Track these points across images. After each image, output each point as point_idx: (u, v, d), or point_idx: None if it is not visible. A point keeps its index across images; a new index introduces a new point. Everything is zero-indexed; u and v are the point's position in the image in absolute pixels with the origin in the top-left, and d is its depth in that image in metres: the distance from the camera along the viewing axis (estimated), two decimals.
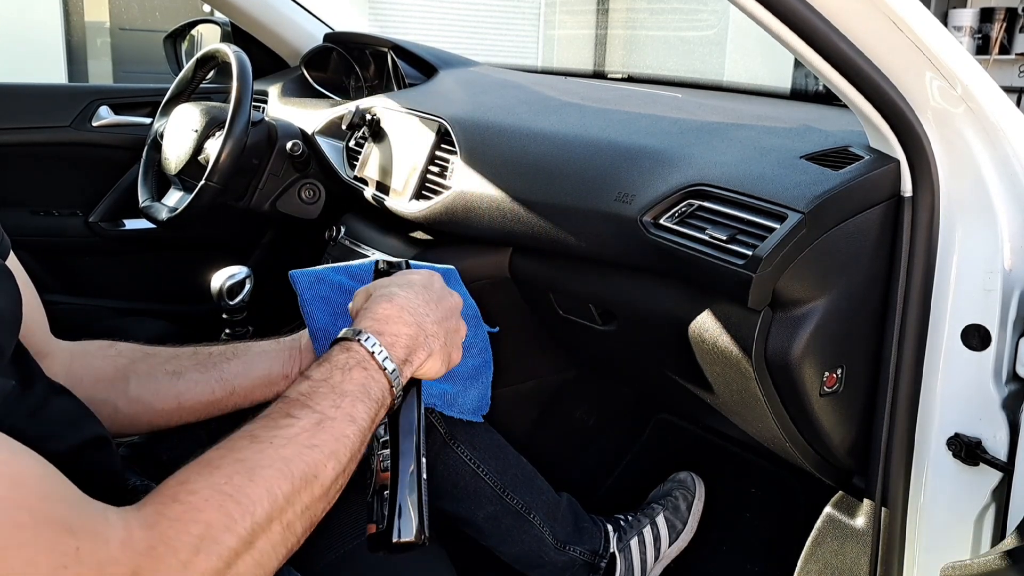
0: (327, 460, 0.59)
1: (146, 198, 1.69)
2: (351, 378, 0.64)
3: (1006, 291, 0.86)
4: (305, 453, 0.58)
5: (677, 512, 1.35)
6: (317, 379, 0.64)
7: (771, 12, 0.77)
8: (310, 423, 0.60)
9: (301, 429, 0.59)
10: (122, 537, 0.49)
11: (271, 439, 0.58)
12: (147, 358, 0.86)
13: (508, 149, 1.23)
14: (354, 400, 0.63)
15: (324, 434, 0.60)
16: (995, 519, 0.92)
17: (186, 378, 0.84)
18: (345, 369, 0.65)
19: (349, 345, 0.67)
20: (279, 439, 0.58)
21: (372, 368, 0.66)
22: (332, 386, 0.63)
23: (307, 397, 0.62)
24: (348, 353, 0.66)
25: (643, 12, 8.53)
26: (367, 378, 0.65)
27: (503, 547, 1.16)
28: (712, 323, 0.96)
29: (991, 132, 0.83)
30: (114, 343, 0.88)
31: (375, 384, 0.66)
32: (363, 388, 0.64)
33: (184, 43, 2.19)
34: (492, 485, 1.11)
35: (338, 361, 0.66)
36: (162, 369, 0.84)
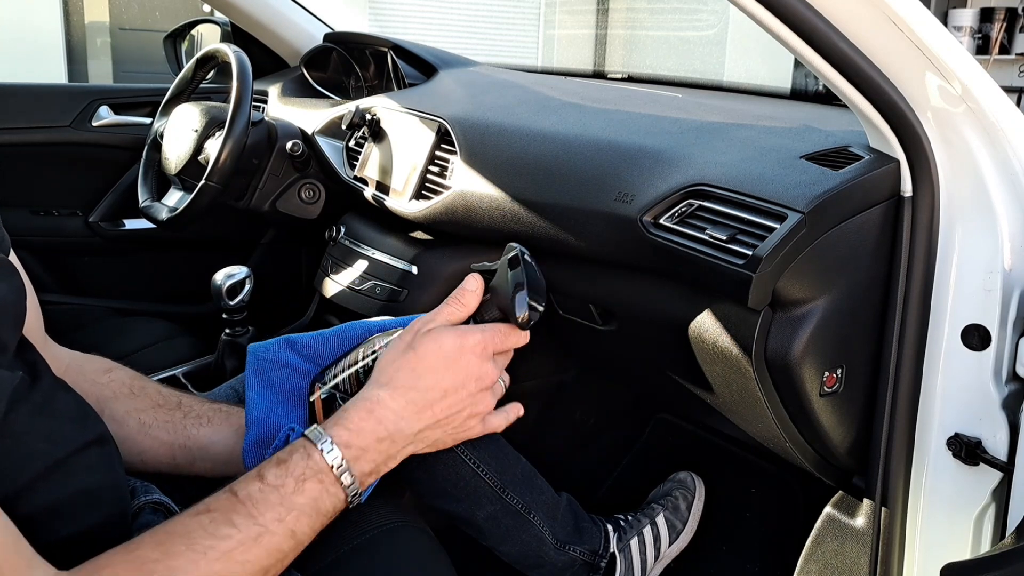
0: (257, 574, 0.58)
1: (146, 198, 1.69)
2: (304, 490, 0.62)
3: (1006, 291, 0.86)
4: (234, 568, 0.57)
5: (677, 512, 1.35)
6: (269, 483, 0.61)
7: (771, 12, 0.77)
8: (248, 537, 0.58)
9: (238, 543, 0.57)
10: None
11: (206, 550, 0.56)
12: (130, 398, 0.83)
13: (508, 149, 1.23)
14: (300, 515, 0.61)
15: (259, 550, 0.58)
16: (995, 519, 0.92)
17: (151, 436, 0.82)
18: (300, 479, 0.62)
19: (311, 451, 0.64)
20: (213, 552, 0.56)
21: (328, 482, 0.63)
22: (282, 496, 0.61)
23: (254, 504, 0.60)
24: (308, 461, 0.63)
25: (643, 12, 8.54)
26: (321, 492, 0.63)
27: (503, 547, 1.16)
28: (712, 323, 0.96)
29: (991, 132, 0.83)
30: (113, 367, 0.86)
31: (328, 498, 0.63)
32: (314, 503, 0.62)
33: (184, 43, 2.19)
34: (492, 485, 1.11)
35: (295, 468, 0.63)
36: (135, 418, 0.82)
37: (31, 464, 0.62)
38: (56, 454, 0.64)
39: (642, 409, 1.67)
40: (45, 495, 0.62)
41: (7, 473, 0.60)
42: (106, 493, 0.67)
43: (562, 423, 1.61)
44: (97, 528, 0.64)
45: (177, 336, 1.63)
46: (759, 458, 1.46)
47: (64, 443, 0.65)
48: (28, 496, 0.61)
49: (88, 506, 0.64)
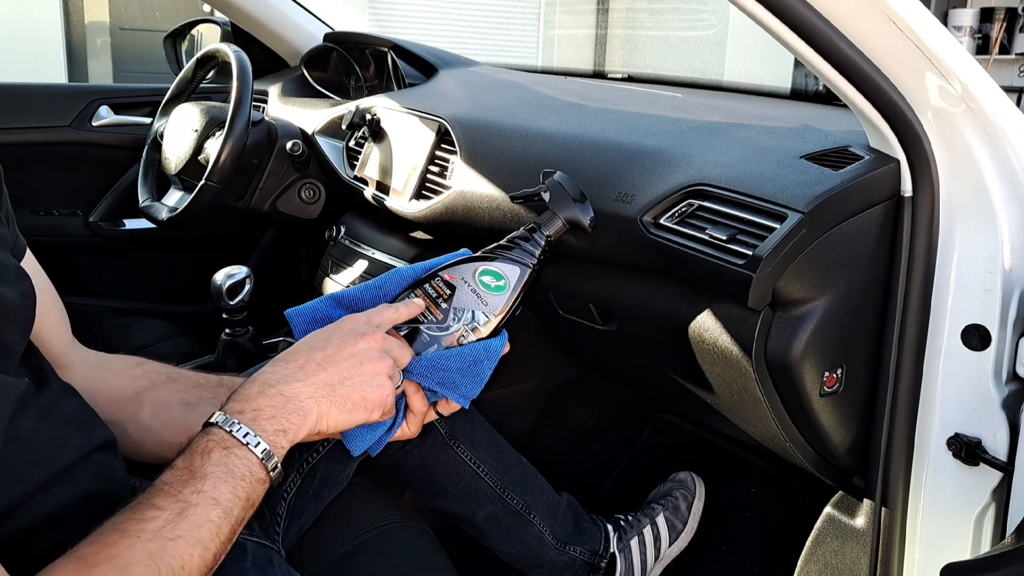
0: (192, 549, 0.59)
1: (146, 198, 1.69)
2: (210, 460, 0.64)
3: (1006, 291, 0.86)
4: (169, 546, 0.58)
5: (677, 512, 1.35)
6: (178, 466, 0.64)
7: (771, 12, 0.77)
8: (173, 513, 0.60)
9: (165, 521, 0.60)
10: None
11: (139, 533, 0.58)
12: (168, 384, 0.85)
13: (508, 149, 1.23)
14: (215, 482, 0.63)
15: (186, 523, 0.60)
16: (995, 519, 0.92)
17: (198, 412, 0.83)
18: (204, 453, 0.64)
19: (208, 430, 0.67)
20: (146, 533, 0.58)
21: (233, 446, 0.65)
22: (192, 471, 0.63)
23: (170, 486, 0.62)
24: (207, 437, 0.66)
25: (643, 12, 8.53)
26: (227, 456, 0.65)
27: (503, 547, 1.16)
28: (712, 323, 0.96)
29: (991, 132, 0.83)
30: (142, 361, 0.87)
31: (239, 461, 0.65)
32: (224, 468, 0.64)
33: (184, 43, 2.19)
34: (492, 485, 1.11)
35: (197, 446, 0.65)
36: (179, 399, 0.84)
37: (37, 470, 0.62)
38: (62, 460, 0.64)
39: (642, 409, 1.67)
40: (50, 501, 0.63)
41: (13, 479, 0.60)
42: (108, 498, 0.67)
43: (562, 423, 1.61)
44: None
45: (177, 336, 1.63)
46: (759, 458, 1.46)
47: (70, 450, 0.65)
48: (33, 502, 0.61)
49: (91, 511, 0.64)
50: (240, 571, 0.77)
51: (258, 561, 0.79)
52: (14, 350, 0.63)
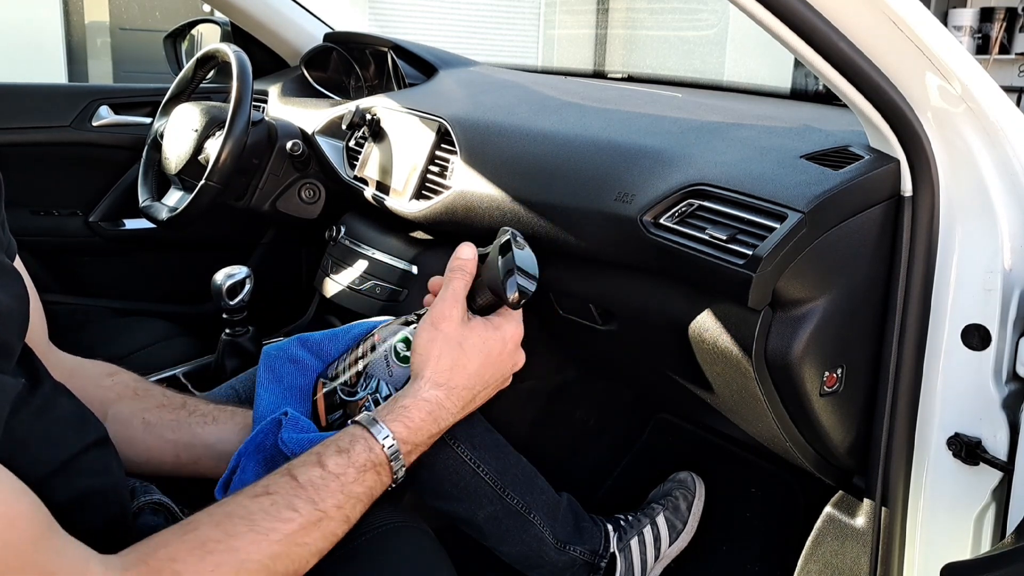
0: (312, 557, 0.60)
1: (146, 198, 1.69)
2: (363, 480, 0.65)
3: (1006, 291, 0.86)
4: (294, 551, 0.58)
5: (677, 512, 1.35)
6: (331, 471, 0.64)
7: (771, 12, 0.77)
8: (309, 521, 0.60)
9: (299, 526, 0.59)
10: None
11: (268, 532, 0.58)
12: (134, 399, 0.84)
13: (508, 149, 1.23)
14: (356, 503, 0.64)
15: (318, 533, 0.60)
16: (995, 519, 0.92)
17: (156, 434, 0.83)
18: (361, 470, 0.65)
19: (372, 444, 0.67)
20: (275, 533, 0.58)
21: (384, 474, 0.67)
22: (343, 484, 0.63)
23: (316, 490, 0.62)
24: (369, 453, 0.66)
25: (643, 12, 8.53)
26: (377, 482, 0.66)
27: (503, 547, 1.16)
28: (712, 323, 0.96)
29: (991, 132, 0.83)
30: (116, 371, 0.87)
31: (381, 487, 0.67)
32: (369, 491, 0.65)
33: (184, 43, 2.19)
34: (492, 485, 1.11)
35: (357, 459, 0.66)
36: (140, 417, 0.83)
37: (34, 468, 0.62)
38: (59, 457, 0.64)
39: (642, 409, 1.67)
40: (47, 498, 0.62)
41: None
42: (107, 495, 0.67)
43: (562, 423, 1.61)
44: (98, 529, 0.64)
45: (177, 336, 1.63)
46: (759, 458, 1.46)
47: (66, 446, 0.65)
48: None
49: (89, 508, 0.64)
50: None
51: None
52: (13, 351, 0.63)
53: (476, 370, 0.75)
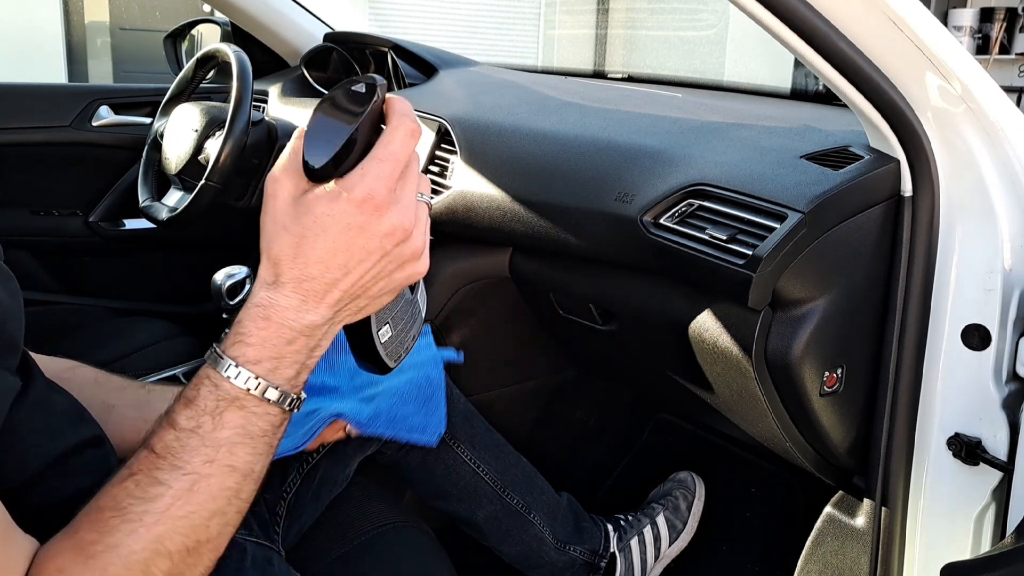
0: (208, 520, 0.53)
1: (146, 198, 1.68)
2: (224, 423, 0.55)
3: (1006, 291, 0.86)
4: (180, 525, 0.52)
5: (677, 512, 1.35)
6: (184, 428, 0.55)
7: (771, 12, 0.77)
8: (181, 489, 0.53)
9: (172, 499, 0.53)
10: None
11: (141, 515, 0.52)
12: (94, 386, 0.84)
13: (508, 149, 1.23)
14: (231, 448, 0.55)
15: (199, 497, 0.53)
16: (995, 519, 0.92)
17: (117, 413, 0.82)
18: (216, 414, 0.55)
19: (217, 381, 0.56)
20: (149, 515, 0.52)
21: (252, 405, 0.56)
22: (202, 438, 0.54)
23: (175, 455, 0.54)
24: (217, 392, 0.55)
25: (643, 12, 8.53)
26: (246, 417, 0.55)
27: (503, 547, 1.16)
28: (712, 323, 0.96)
29: (991, 132, 0.83)
30: (76, 366, 0.86)
31: (259, 419, 0.56)
32: (242, 430, 0.55)
33: (184, 43, 2.19)
34: (492, 485, 1.11)
35: (206, 404, 0.55)
36: (99, 400, 0.82)
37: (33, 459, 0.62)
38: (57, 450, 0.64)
39: (642, 409, 1.67)
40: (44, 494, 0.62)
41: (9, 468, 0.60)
42: None
43: (562, 423, 1.61)
44: None
45: (177, 336, 1.63)
46: (759, 458, 1.46)
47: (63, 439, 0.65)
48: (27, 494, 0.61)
49: None
50: (239, 571, 0.77)
51: (257, 561, 0.79)
52: (18, 347, 0.63)
53: (310, 252, 0.55)
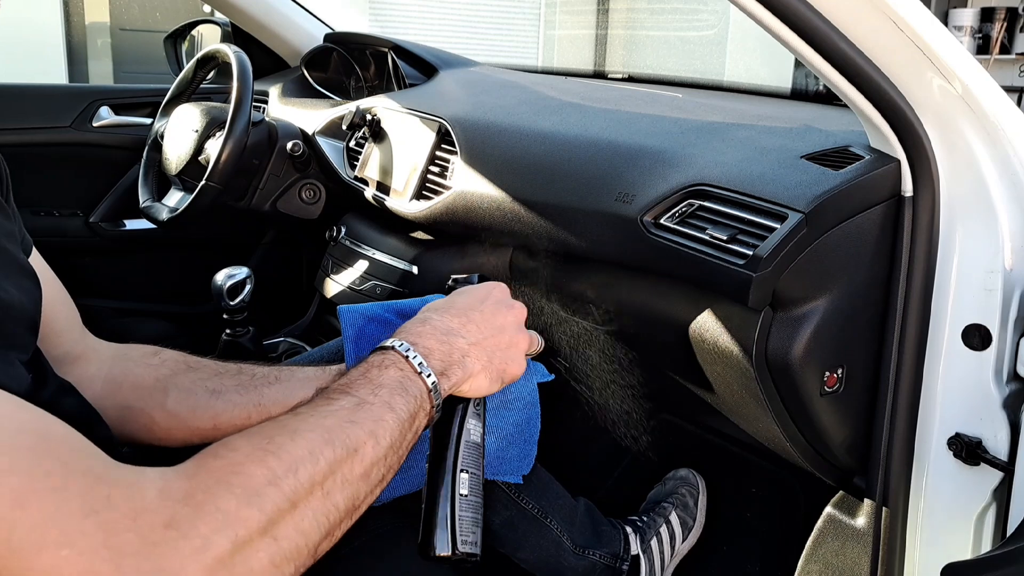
0: (367, 438, 0.58)
1: (147, 198, 1.69)
2: (387, 374, 0.64)
3: (1007, 291, 0.86)
4: (347, 427, 0.58)
5: (687, 509, 1.35)
6: (355, 375, 0.64)
7: (771, 12, 0.77)
8: (350, 404, 0.60)
9: (341, 407, 0.59)
10: (159, 486, 0.48)
11: (312, 412, 0.58)
12: (189, 372, 0.85)
13: (508, 149, 1.23)
14: (392, 391, 0.63)
15: (363, 413, 0.60)
16: (996, 519, 0.92)
17: (225, 398, 0.83)
18: (381, 367, 0.65)
19: (385, 351, 0.67)
20: (320, 412, 0.58)
21: (408, 370, 0.66)
22: (369, 379, 0.63)
23: (346, 386, 0.62)
24: (384, 356, 0.67)
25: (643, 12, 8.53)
26: (403, 377, 0.65)
27: (520, 553, 1.14)
28: (712, 323, 0.96)
29: (991, 132, 0.83)
30: (160, 351, 0.87)
31: (412, 383, 0.65)
32: (400, 384, 0.64)
33: (184, 43, 2.19)
34: (506, 489, 1.10)
35: (374, 361, 0.66)
36: (203, 386, 0.84)
37: None
38: None
39: (642, 409, 1.67)
40: None
41: None
42: None
43: (562, 423, 1.60)
44: None
45: (177, 336, 1.63)
46: (759, 458, 1.46)
47: None
48: None
49: None
50: None
51: None
52: (22, 344, 0.63)
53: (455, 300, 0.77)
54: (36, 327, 0.68)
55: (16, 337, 0.63)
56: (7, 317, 0.61)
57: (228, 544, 0.47)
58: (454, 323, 0.73)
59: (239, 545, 0.47)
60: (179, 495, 0.48)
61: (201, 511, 0.47)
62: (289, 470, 0.52)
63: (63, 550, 0.42)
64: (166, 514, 0.46)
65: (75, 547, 0.43)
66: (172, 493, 0.48)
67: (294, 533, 0.51)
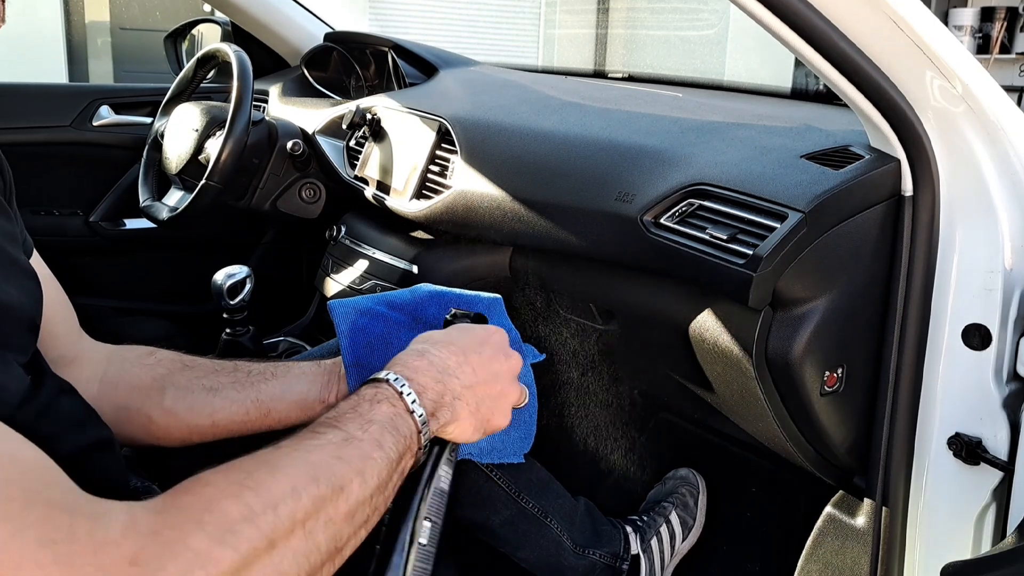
0: (354, 476, 0.56)
1: (147, 198, 1.69)
2: (379, 410, 0.63)
3: (1007, 290, 0.86)
4: (333, 463, 0.55)
5: (687, 509, 1.35)
6: (344, 408, 0.62)
7: (771, 11, 0.77)
8: (337, 439, 0.58)
9: (328, 442, 0.57)
10: (124, 520, 0.45)
11: (296, 447, 0.56)
12: (185, 370, 0.85)
13: (509, 148, 1.23)
14: (382, 428, 0.61)
15: (351, 450, 0.57)
16: (996, 519, 0.92)
17: (222, 395, 0.83)
18: (373, 402, 0.63)
19: (378, 384, 0.66)
20: (305, 447, 0.56)
21: (400, 407, 0.64)
22: (360, 413, 0.61)
23: (334, 420, 0.60)
24: (377, 389, 0.65)
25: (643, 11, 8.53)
26: (395, 414, 0.63)
27: (520, 552, 1.14)
28: (712, 323, 0.96)
29: (991, 131, 0.83)
30: (155, 351, 0.87)
31: (402, 422, 0.63)
32: (390, 421, 0.62)
33: (184, 43, 2.19)
34: (506, 489, 1.10)
35: (366, 395, 0.64)
36: (199, 384, 0.83)
37: None
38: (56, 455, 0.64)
39: (642, 409, 1.67)
40: None
41: None
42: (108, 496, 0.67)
43: (562, 423, 1.60)
44: None
45: (177, 336, 1.63)
46: (759, 458, 1.46)
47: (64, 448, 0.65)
48: None
49: None
50: None
51: None
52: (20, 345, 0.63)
53: (456, 337, 0.74)
54: (36, 328, 0.68)
55: (14, 338, 0.62)
56: (6, 318, 0.61)
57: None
58: (451, 361, 0.71)
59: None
60: (146, 530, 0.45)
61: (170, 549, 0.45)
62: (268, 506, 0.50)
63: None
64: (131, 549, 0.44)
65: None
66: (139, 528, 0.45)
67: (272, 575, 0.49)
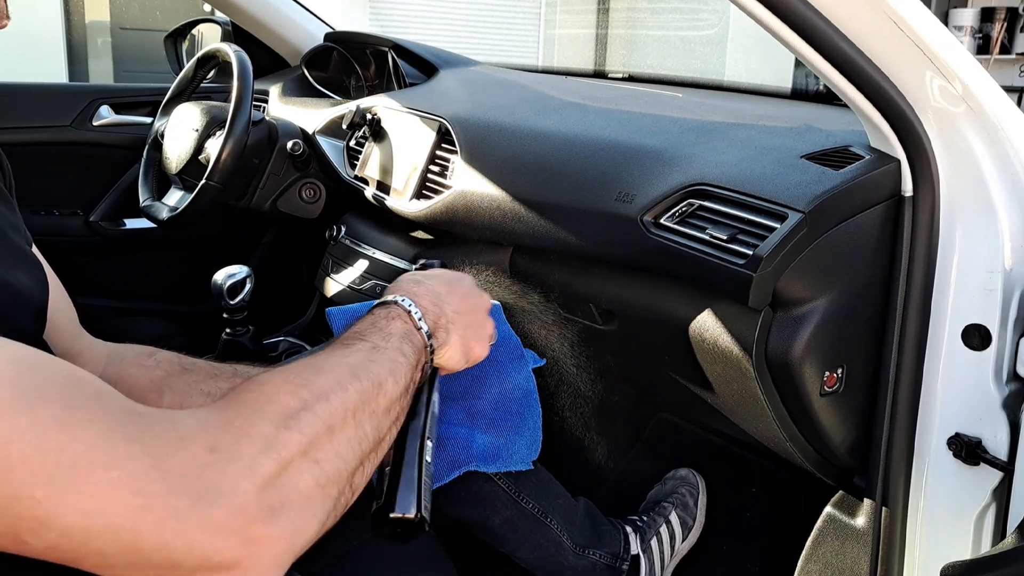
0: (387, 375, 0.61)
1: (147, 197, 1.69)
2: (394, 325, 0.67)
3: (1007, 291, 0.86)
4: (368, 364, 0.60)
5: (687, 509, 1.35)
6: (364, 325, 0.67)
7: (772, 11, 0.77)
8: (366, 347, 0.63)
9: (359, 349, 0.62)
10: (196, 416, 0.49)
11: (332, 353, 0.61)
12: (184, 374, 0.85)
13: (509, 148, 1.23)
14: (400, 339, 0.66)
15: (380, 355, 0.62)
16: (995, 519, 0.92)
17: None
18: (388, 318, 0.68)
19: (388, 305, 0.70)
20: (340, 352, 0.61)
21: (410, 324, 0.69)
22: (379, 328, 0.66)
23: (358, 334, 0.65)
24: (388, 309, 0.69)
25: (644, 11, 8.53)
26: (407, 330, 0.68)
27: (520, 552, 1.14)
28: (712, 323, 0.96)
29: (992, 131, 0.83)
30: (155, 351, 0.87)
31: (414, 336, 0.68)
32: (405, 335, 0.67)
33: (185, 43, 2.19)
34: (506, 489, 1.10)
35: (380, 313, 0.69)
36: (198, 388, 0.84)
37: None
38: None
39: (642, 409, 1.67)
40: None
41: None
42: None
43: (563, 423, 1.60)
44: None
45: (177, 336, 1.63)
46: (759, 458, 1.46)
47: None
48: None
49: None
50: None
51: None
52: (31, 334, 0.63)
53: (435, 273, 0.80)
54: (43, 316, 0.68)
55: (24, 324, 0.63)
56: (16, 304, 0.61)
57: (273, 465, 0.48)
58: (442, 290, 0.76)
59: (283, 466, 0.49)
60: (217, 423, 0.49)
61: (242, 435, 0.48)
62: (320, 397, 0.54)
63: (112, 472, 0.43)
64: (208, 439, 0.47)
65: (124, 469, 0.43)
66: (210, 422, 0.49)
67: (333, 456, 0.53)
